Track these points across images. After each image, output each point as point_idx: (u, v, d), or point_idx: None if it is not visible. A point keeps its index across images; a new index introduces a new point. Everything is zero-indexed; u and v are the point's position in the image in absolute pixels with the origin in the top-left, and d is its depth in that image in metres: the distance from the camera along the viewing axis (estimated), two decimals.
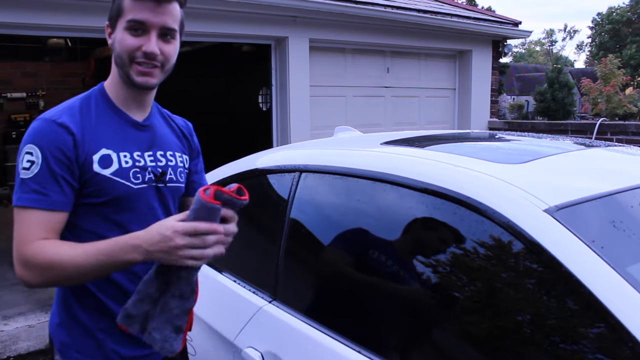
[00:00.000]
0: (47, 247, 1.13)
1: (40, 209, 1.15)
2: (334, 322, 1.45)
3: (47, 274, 1.12)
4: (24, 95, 8.42)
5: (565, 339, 1.04)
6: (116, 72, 1.30)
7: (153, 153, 1.33)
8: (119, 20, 1.25)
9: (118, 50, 1.25)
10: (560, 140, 1.98)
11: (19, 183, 1.17)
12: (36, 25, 4.15)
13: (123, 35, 1.24)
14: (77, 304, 1.27)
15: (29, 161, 1.16)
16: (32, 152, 1.16)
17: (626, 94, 10.40)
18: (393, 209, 1.47)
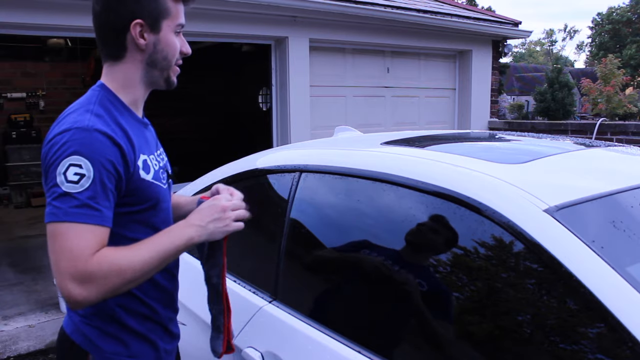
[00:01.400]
0: (110, 253, 1.07)
1: (94, 225, 1.07)
2: (334, 322, 1.45)
3: (114, 281, 1.06)
4: (24, 95, 8.42)
5: (565, 339, 1.04)
6: (138, 74, 1.24)
7: (160, 152, 1.36)
8: (163, 21, 1.22)
9: (165, 54, 1.23)
10: (560, 140, 1.98)
11: (61, 195, 1.06)
12: (36, 25, 4.15)
13: (172, 37, 1.24)
14: (125, 312, 1.25)
15: (77, 174, 1.06)
16: (80, 165, 1.06)
17: (626, 94, 10.40)
18: (393, 209, 1.47)
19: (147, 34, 1.21)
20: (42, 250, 5.60)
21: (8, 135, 7.98)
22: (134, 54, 1.22)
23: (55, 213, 1.05)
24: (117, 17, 1.19)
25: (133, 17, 1.19)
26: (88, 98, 1.22)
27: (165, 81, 1.27)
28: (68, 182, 1.06)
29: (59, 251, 1.05)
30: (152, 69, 1.25)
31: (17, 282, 4.73)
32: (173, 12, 1.23)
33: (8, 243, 5.98)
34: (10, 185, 8.01)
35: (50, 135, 1.12)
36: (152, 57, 1.23)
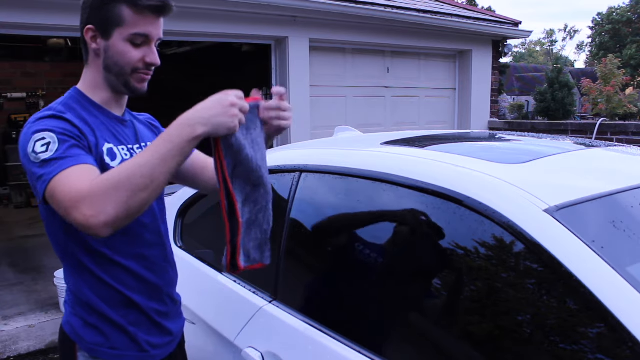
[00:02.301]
0: (103, 175, 1.07)
1: (80, 164, 1.10)
2: (334, 322, 1.45)
3: (118, 196, 1.02)
4: (24, 95, 8.42)
5: (565, 339, 1.04)
6: (100, 77, 1.29)
7: (140, 146, 1.37)
8: (115, 29, 1.24)
9: (116, 60, 1.25)
10: (561, 140, 1.98)
11: (40, 165, 1.10)
12: (36, 25, 4.15)
13: (124, 46, 1.24)
14: (103, 302, 1.28)
15: (44, 144, 1.11)
16: (43, 137, 1.12)
17: (626, 94, 10.40)
18: (393, 209, 1.47)
19: (99, 39, 1.26)
20: (42, 250, 5.60)
21: (8, 135, 7.99)
22: (94, 59, 1.29)
23: (44, 179, 1.09)
24: (80, 24, 1.29)
25: (87, 23, 1.27)
26: (56, 101, 1.29)
27: (125, 86, 1.28)
28: (38, 153, 1.11)
29: (61, 195, 1.06)
30: (108, 74, 1.28)
31: (17, 282, 4.73)
32: (128, 21, 1.23)
33: (8, 243, 5.98)
34: (10, 185, 8.01)
35: (20, 135, 1.19)
36: (105, 63, 1.27)
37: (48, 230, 1.30)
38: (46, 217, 1.27)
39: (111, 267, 1.28)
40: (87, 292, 1.27)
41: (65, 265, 1.32)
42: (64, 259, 1.30)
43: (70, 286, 1.31)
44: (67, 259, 1.29)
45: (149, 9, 1.23)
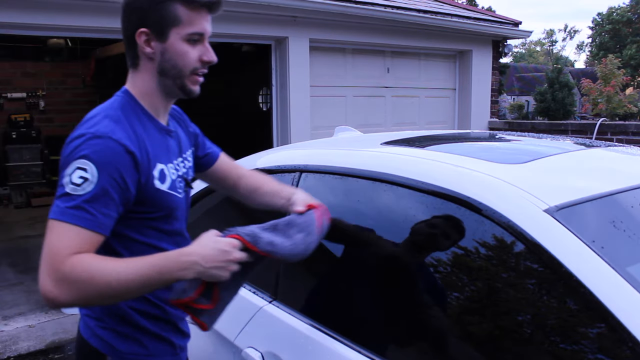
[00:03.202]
0: (87, 259, 1.04)
1: (85, 228, 1.06)
2: (334, 322, 1.45)
3: (86, 289, 1.02)
4: (24, 95, 8.42)
5: (565, 339, 1.04)
6: (153, 82, 1.23)
7: (183, 159, 1.33)
8: (172, 29, 1.18)
9: (174, 62, 1.20)
10: (560, 140, 1.98)
11: (63, 195, 1.07)
12: (36, 25, 4.15)
13: (182, 47, 1.19)
14: (136, 313, 1.25)
15: (82, 177, 1.06)
16: (86, 169, 1.07)
17: (626, 94, 10.40)
18: (393, 209, 1.47)
19: (153, 42, 1.19)
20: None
21: (8, 135, 7.98)
22: (145, 63, 1.22)
23: (54, 210, 1.07)
24: (128, 26, 1.20)
25: (139, 25, 1.18)
26: (110, 103, 1.21)
27: (181, 90, 1.24)
28: (72, 183, 1.06)
29: (45, 246, 1.05)
30: (164, 78, 1.22)
31: (17, 282, 4.73)
32: (184, 20, 1.18)
33: (8, 243, 5.98)
34: (10, 185, 8.01)
35: (69, 139, 1.13)
36: (161, 66, 1.21)
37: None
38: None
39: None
40: (119, 303, 1.22)
41: None
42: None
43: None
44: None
45: (204, 6, 1.19)
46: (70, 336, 3.68)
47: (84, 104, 8.92)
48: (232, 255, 1.13)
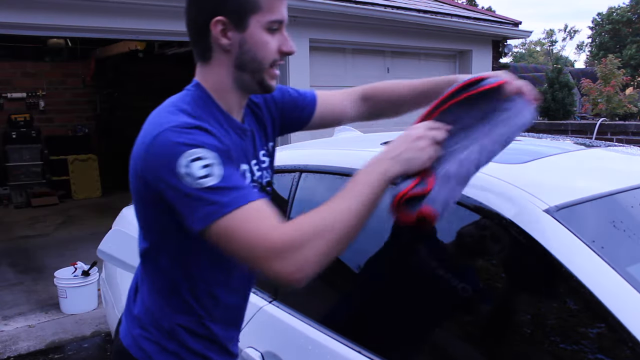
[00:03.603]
0: (301, 218, 0.93)
1: (257, 200, 0.95)
2: (334, 322, 1.45)
3: (319, 245, 0.91)
4: (24, 95, 8.42)
5: (565, 339, 1.04)
6: (229, 77, 1.10)
7: (257, 162, 1.21)
8: (251, 17, 1.05)
9: (254, 54, 1.07)
10: (560, 140, 1.98)
11: (205, 192, 0.92)
12: (36, 25, 4.15)
13: (263, 36, 1.06)
14: (184, 331, 1.16)
15: (204, 166, 0.93)
16: (200, 157, 0.93)
17: (626, 94, 10.39)
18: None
19: (230, 32, 1.05)
20: (42, 250, 5.61)
21: (8, 135, 7.98)
22: (220, 56, 1.08)
23: (212, 211, 0.92)
24: (198, 14, 1.06)
25: (215, 13, 1.04)
26: (181, 97, 1.09)
27: (259, 85, 1.11)
28: (199, 178, 0.93)
29: (245, 240, 0.92)
30: (241, 72, 1.09)
31: (17, 282, 4.73)
32: (264, 6, 1.05)
33: (8, 243, 5.98)
34: (10, 185, 8.00)
35: (145, 141, 0.99)
36: (239, 59, 1.07)
37: (155, 245, 1.13)
38: (159, 234, 1.11)
39: (205, 298, 1.16)
40: (172, 318, 1.15)
41: (151, 286, 1.17)
42: (155, 279, 1.16)
43: (153, 308, 1.16)
44: (161, 280, 1.15)
45: None
46: (70, 336, 3.68)
47: (84, 104, 8.93)
48: (413, 132, 1.03)
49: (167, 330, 1.15)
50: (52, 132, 8.50)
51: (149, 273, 1.18)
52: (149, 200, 1.04)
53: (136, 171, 1.02)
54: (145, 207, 1.08)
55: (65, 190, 8.33)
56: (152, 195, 1.01)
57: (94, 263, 4.01)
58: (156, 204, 1.02)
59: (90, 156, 8.43)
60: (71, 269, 4.05)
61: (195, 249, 1.10)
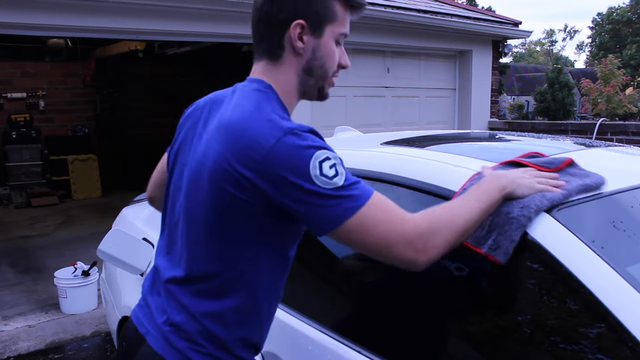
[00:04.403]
0: (425, 211, 1.02)
1: (375, 192, 1.01)
2: (335, 322, 1.45)
3: (446, 234, 1.00)
4: (24, 95, 8.42)
5: (565, 339, 1.04)
6: (295, 80, 1.13)
7: None
8: (327, 26, 1.10)
9: (324, 61, 1.12)
10: (560, 140, 1.98)
11: (338, 190, 0.97)
12: (36, 25, 4.15)
13: (332, 46, 1.12)
14: (242, 343, 1.14)
15: (331, 166, 0.98)
16: (328, 157, 0.98)
17: (626, 94, 10.40)
18: None
19: (307, 36, 1.09)
20: (42, 250, 5.61)
21: (8, 135, 7.98)
22: (291, 57, 1.11)
23: (348, 207, 0.97)
24: (278, 12, 1.08)
25: (296, 15, 1.07)
26: (266, 99, 1.08)
27: (319, 92, 1.16)
28: (332, 178, 0.97)
29: (381, 231, 0.98)
30: (308, 77, 1.13)
31: (17, 282, 4.73)
32: (340, 18, 1.10)
33: (8, 243, 5.98)
34: (10, 185, 8.01)
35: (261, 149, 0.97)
36: (309, 64, 1.11)
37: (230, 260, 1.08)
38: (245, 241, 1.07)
39: (272, 307, 1.20)
40: (225, 329, 1.11)
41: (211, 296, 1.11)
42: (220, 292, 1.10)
43: (206, 321, 1.10)
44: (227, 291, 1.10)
45: (357, 7, 1.13)
46: (70, 336, 3.68)
47: (84, 104, 8.94)
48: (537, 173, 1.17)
49: (219, 339, 1.10)
50: (52, 132, 8.50)
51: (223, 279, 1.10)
52: (256, 210, 1.02)
53: (239, 181, 1.00)
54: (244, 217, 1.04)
55: (65, 190, 8.33)
56: (264, 205, 1.01)
57: (94, 263, 4.01)
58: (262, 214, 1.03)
59: (90, 156, 8.43)
60: (71, 269, 4.05)
61: (282, 259, 1.13)
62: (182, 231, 1.15)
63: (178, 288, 1.13)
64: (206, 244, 1.09)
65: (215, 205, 1.04)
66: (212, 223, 1.07)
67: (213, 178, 1.03)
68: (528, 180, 1.13)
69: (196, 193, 1.08)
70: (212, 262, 1.09)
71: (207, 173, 1.05)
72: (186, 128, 1.21)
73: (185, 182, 1.14)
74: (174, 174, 1.21)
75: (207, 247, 1.09)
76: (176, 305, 1.13)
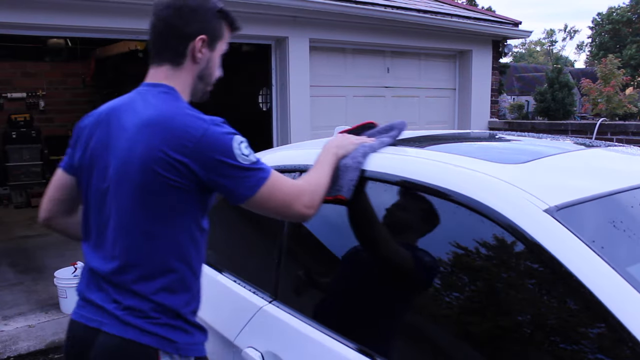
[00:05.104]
0: (306, 177, 1.40)
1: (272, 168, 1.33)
2: (334, 322, 1.45)
3: (321, 194, 1.38)
4: (24, 95, 8.43)
5: (565, 339, 1.04)
6: (190, 83, 1.38)
7: None
8: (219, 42, 1.41)
9: (212, 71, 1.41)
10: (560, 140, 1.98)
11: (254, 164, 1.26)
12: (36, 25, 4.15)
13: (218, 59, 1.43)
14: (188, 309, 1.33)
15: (247, 147, 1.27)
16: (242, 141, 1.27)
17: (626, 94, 10.40)
18: (393, 208, 1.47)
19: (205, 49, 1.36)
20: (42, 250, 5.60)
21: (8, 135, 7.98)
22: (190, 65, 1.36)
23: (262, 177, 1.27)
24: (187, 26, 1.33)
25: (200, 31, 1.34)
26: (178, 98, 1.33)
27: (203, 95, 1.44)
28: (248, 155, 1.26)
29: (287, 193, 1.31)
30: (199, 82, 1.40)
31: (17, 282, 4.73)
32: (225, 37, 1.42)
33: (8, 243, 5.98)
34: (10, 185, 8.01)
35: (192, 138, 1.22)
36: (203, 72, 1.39)
37: (164, 235, 1.27)
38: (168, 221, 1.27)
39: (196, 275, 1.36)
40: (175, 298, 1.29)
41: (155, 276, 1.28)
42: (163, 269, 1.28)
43: (156, 297, 1.28)
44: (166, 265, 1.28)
45: (235, 30, 1.46)
46: None
47: (84, 104, 8.92)
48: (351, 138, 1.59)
49: (174, 311, 1.29)
50: (52, 132, 8.50)
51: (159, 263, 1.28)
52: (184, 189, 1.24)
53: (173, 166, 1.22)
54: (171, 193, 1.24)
55: None
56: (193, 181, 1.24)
57: None
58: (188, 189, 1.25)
59: None
60: (71, 268, 4.05)
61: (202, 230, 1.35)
62: (114, 227, 1.29)
63: (121, 278, 1.28)
64: (142, 229, 1.26)
65: (147, 191, 1.23)
66: (145, 208, 1.25)
67: (143, 166, 1.22)
68: (347, 141, 1.54)
69: (126, 186, 1.26)
70: (148, 242, 1.26)
71: (137, 164, 1.23)
72: (96, 136, 1.35)
73: (112, 181, 1.29)
74: (92, 179, 1.35)
75: (142, 232, 1.26)
76: (125, 292, 1.27)
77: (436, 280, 1.32)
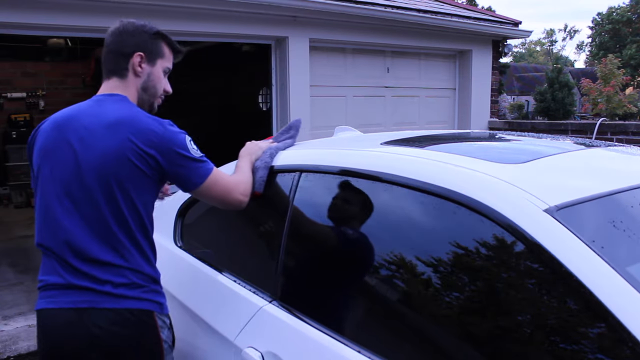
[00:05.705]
0: (234, 174, 1.73)
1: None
2: (334, 322, 1.45)
3: (250, 185, 1.73)
4: (24, 95, 8.42)
5: (565, 339, 1.04)
6: (135, 94, 1.63)
7: None
8: (158, 60, 1.65)
9: (154, 84, 1.66)
10: (560, 140, 1.98)
11: (201, 158, 1.58)
12: (36, 25, 4.15)
13: (160, 74, 1.67)
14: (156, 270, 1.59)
15: (194, 144, 1.58)
16: (191, 140, 1.58)
17: (626, 94, 10.40)
18: (393, 209, 1.47)
19: (144, 64, 1.62)
20: None
21: (8, 135, 7.98)
22: (132, 77, 1.62)
23: (208, 167, 1.59)
24: (126, 47, 1.60)
25: (137, 49, 1.60)
26: (133, 105, 1.59)
27: (150, 106, 1.68)
28: (197, 150, 1.58)
29: (227, 183, 1.64)
30: (144, 93, 1.65)
31: (17, 282, 4.73)
32: (167, 56, 1.68)
33: (8, 243, 5.98)
34: (10, 185, 8.01)
35: (156, 133, 1.49)
36: (145, 84, 1.64)
37: (129, 213, 1.49)
38: (137, 199, 1.51)
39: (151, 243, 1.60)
40: (150, 266, 1.55)
41: (131, 250, 1.51)
42: (133, 244, 1.51)
43: (141, 268, 1.52)
44: (138, 241, 1.52)
45: (177, 52, 1.72)
46: None
47: None
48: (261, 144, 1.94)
49: (151, 276, 1.55)
50: None
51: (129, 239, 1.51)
52: (150, 175, 1.51)
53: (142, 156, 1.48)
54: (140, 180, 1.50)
55: None
56: (158, 173, 1.52)
57: None
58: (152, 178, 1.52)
59: None
60: None
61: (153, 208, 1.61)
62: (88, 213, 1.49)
63: (102, 262, 1.47)
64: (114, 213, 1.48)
65: (121, 178, 1.47)
66: (120, 192, 1.47)
67: (116, 156, 1.46)
68: (256, 147, 1.88)
69: (99, 175, 1.47)
70: (122, 224, 1.49)
71: (112, 155, 1.46)
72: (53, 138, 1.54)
73: (83, 173, 1.48)
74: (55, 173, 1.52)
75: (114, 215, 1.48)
76: (110, 269, 1.47)
77: (436, 280, 1.32)
